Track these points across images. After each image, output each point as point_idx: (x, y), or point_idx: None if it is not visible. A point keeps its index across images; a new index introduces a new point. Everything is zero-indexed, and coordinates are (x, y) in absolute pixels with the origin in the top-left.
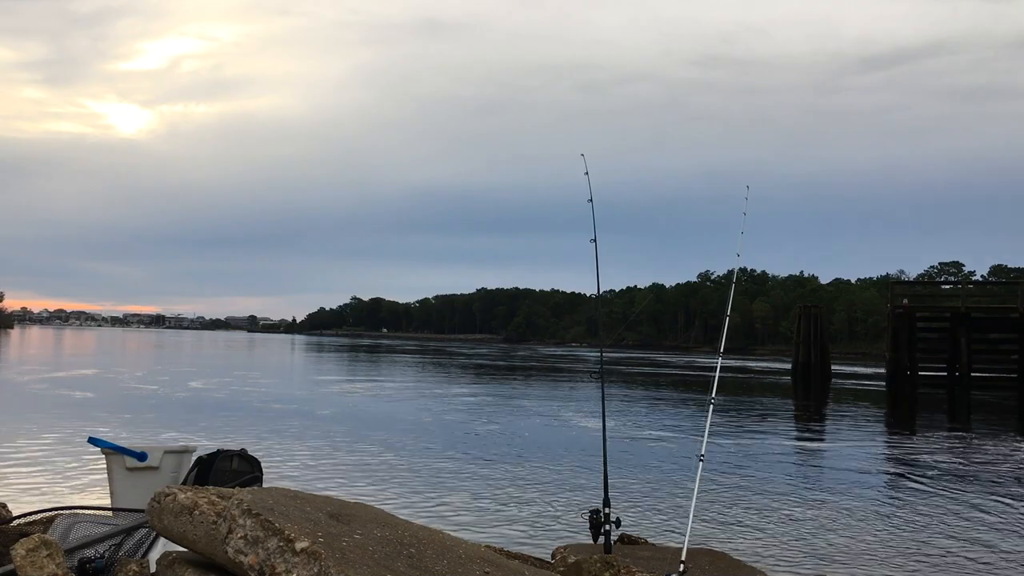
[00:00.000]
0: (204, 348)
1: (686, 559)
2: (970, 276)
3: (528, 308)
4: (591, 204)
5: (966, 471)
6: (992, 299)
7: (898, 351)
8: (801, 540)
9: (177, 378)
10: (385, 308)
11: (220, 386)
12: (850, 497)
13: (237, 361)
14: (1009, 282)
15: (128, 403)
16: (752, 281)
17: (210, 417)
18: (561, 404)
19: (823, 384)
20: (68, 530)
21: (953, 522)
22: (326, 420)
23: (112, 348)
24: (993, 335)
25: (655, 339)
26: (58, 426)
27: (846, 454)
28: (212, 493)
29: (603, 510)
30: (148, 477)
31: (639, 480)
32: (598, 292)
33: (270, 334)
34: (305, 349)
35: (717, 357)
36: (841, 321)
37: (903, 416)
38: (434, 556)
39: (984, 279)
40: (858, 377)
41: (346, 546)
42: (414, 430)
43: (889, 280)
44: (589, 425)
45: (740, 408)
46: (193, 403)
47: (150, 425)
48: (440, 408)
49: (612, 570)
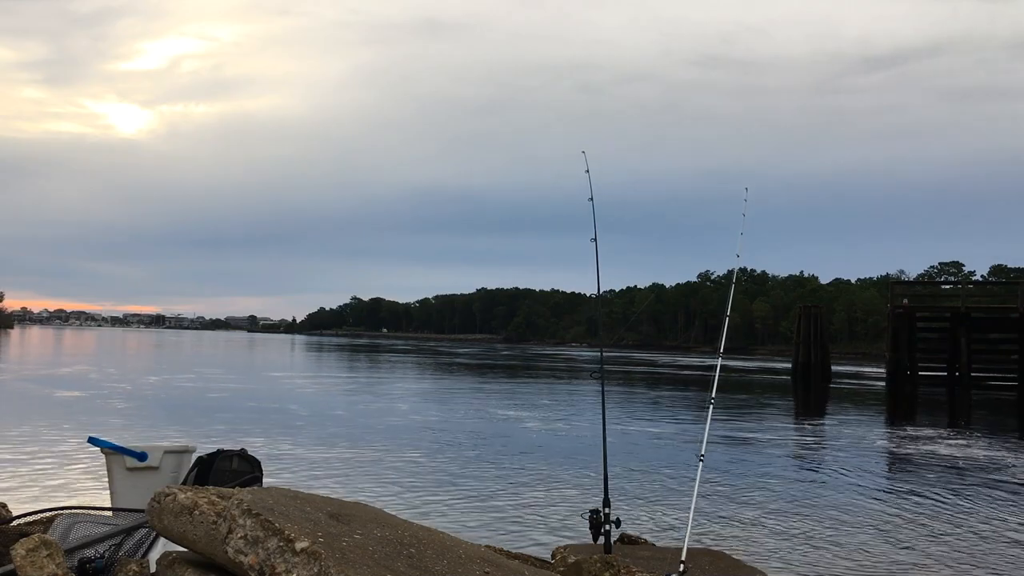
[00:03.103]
0: (203, 348)
1: (686, 559)
2: (970, 276)
3: (528, 308)
4: (591, 202)
5: (966, 471)
6: (992, 299)
7: (898, 351)
8: (801, 540)
9: (171, 374)
10: (385, 308)
11: (221, 384)
12: (850, 497)
13: (238, 360)
14: (1009, 282)
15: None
16: (752, 281)
17: (214, 418)
18: (561, 404)
19: (823, 384)
20: (68, 530)
21: (953, 521)
22: (327, 421)
23: (104, 348)
24: (993, 335)
25: (655, 339)
26: (58, 426)
27: (846, 454)
28: (212, 493)
29: (603, 510)
30: (148, 477)
31: (639, 480)
32: (598, 292)
33: (270, 334)
34: (306, 349)
35: (717, 357)
36: (841, 321)
37: (903, 416)
38: (434, 556)
39: (984, 279)
40: (858, 377)
41: (346, 546)
42: (414, 431)
43: (889, 280)
44: (589, 425)
45: (740, 408)
46: (178, 402)
47: (143, 423)
48: (440, 408)
49: (612, 570)
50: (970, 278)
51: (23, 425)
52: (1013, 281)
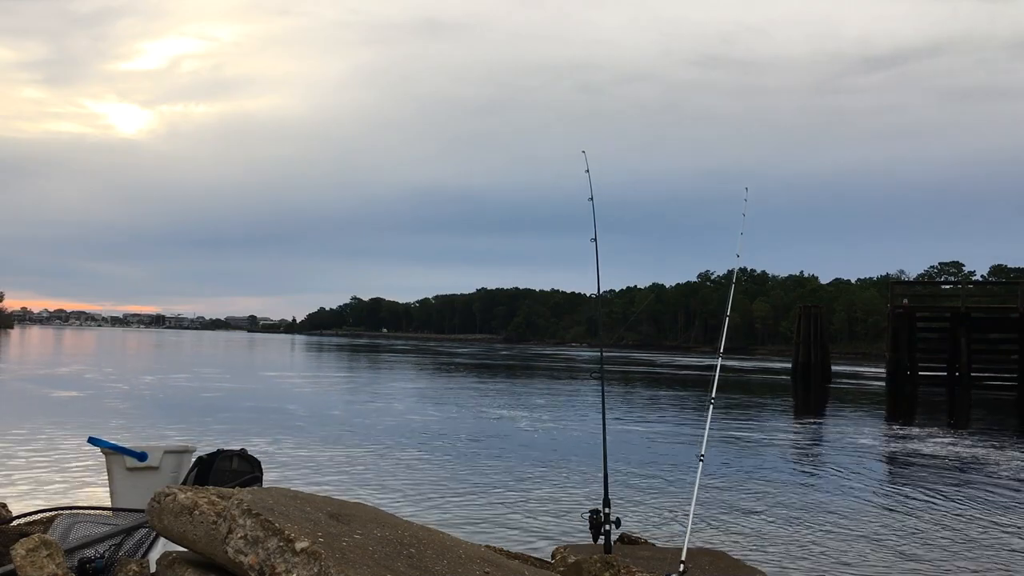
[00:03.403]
0: (203, 348)
1: (686, 559)
2: (970, 276)
3: (528, 308)
4: (591, 202)
5: (966, 471)
6: (992, 299)
7: (898, 351)
8: (801, 540)
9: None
10: (385, 308)
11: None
12: (850, 497)
13: (238, 360)
14: (1009, 282)
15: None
16: (752, 281)
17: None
18: (560, 404)
19: (823, 384)
20: (68, 530)
21: (953, 522)
22: (326, 421)
23: (104, 348)
24: (993, 335)
25: (655, 339)
26: (58, 426)
27: (846, 454)
28: (212, 493)
29: (603, 510)
30: (148, 477)
31: (639, 480)
32: (598, 291)
33: (270, 334)
34: (305, 349)
35: (717, 357)
36: (841, 321)
37: (903, 416)
38: (434, 556)
39: (984, 279)
40: (858, 377)
41: (346, 546)
42: (414, 431)
43: (889, 280)
44: (588, 425)
45: (740, 408)
46: (176, 402)
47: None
48: (439, 408)
49: (612, 570)
50: (970, 278)
51: (23, 425)
52: (1013, 281)
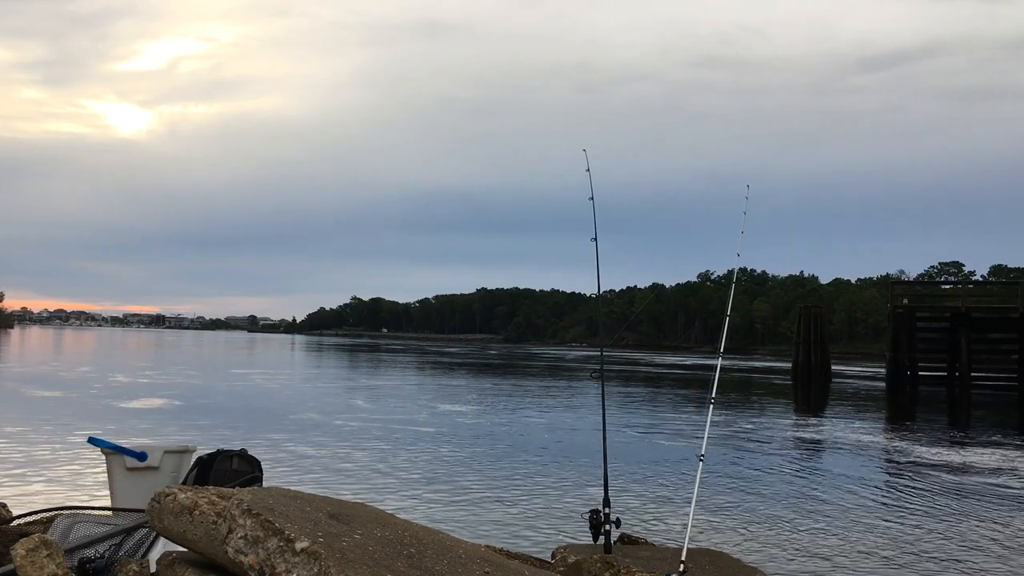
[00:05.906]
0: (203, 348)
1: (686, 559)
2: (970, 276)
3: (528, 308)
4: (592, 201)
5: (966, 471)
6: (992, 299)
7: (898, 351)
8: (801, 540)
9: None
10: (385, 308)
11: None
12: (850, 497)
13: (237, 360)
14: (1009, 282)
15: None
16: (752, 281)
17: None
18: (560, 404)
19: (823, 384)
20: (68, 530)
21: (953, 522)
22: (326, 421)
23: (104, 349)
24: (993, 335)
25: (655, 339)
26: (58, 426)
27: (846, 454)
28: (212, 493)
29: (603, 510)
30: (148, 477)
31: (639, 480)
32: (598, 291)
33: (270, 334)
34: (305, 349)
35: (717, 357)
36: (841, 321)
37: (903, 416)
38: (434, 556)
39: (984, 279)
40: (858, 377)
41: (346, 546)
42: (414, 431)
43: (889, 280)
44: (588, 425)
45: (740, 408)
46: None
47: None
48: (439, 408)
49: (612, 570)
50: (970, 278)
51: (23, 425)
52: (1013, 281)
